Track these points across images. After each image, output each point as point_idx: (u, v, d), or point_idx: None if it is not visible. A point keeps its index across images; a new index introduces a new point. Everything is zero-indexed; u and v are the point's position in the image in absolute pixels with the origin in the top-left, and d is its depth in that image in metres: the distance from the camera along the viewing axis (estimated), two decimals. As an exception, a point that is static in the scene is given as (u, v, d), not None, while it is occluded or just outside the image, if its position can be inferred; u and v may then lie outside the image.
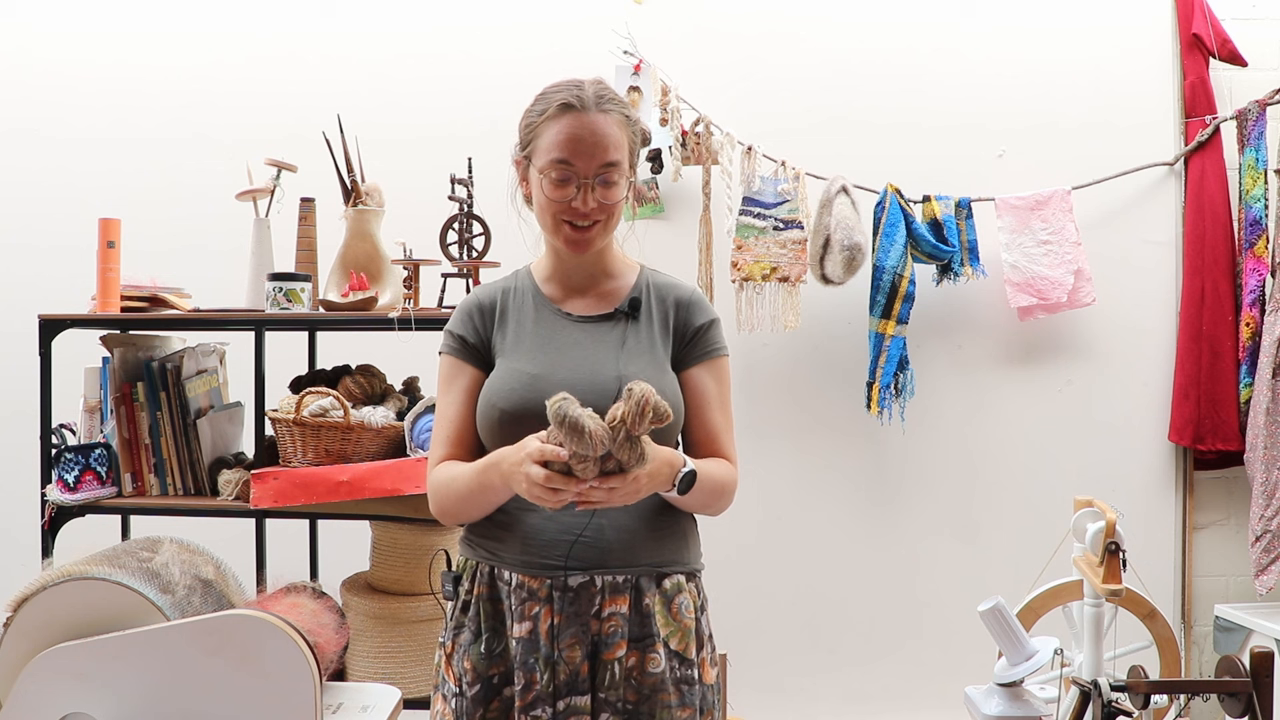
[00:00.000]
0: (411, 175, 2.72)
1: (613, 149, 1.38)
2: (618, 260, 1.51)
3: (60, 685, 1.48)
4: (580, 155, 1.36)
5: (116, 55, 3.16)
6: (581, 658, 1.34)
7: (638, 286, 1.48)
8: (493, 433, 1.39)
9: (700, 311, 1.48)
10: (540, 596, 1.35)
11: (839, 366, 3.10)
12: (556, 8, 3.12)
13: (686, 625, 1.40)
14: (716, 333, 1.49)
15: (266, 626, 1.54)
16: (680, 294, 1.49)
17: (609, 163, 1.38)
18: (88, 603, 1.55)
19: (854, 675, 3.11)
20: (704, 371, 1.46)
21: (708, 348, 1.47)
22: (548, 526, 1.36)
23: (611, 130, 1.38)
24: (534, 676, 1.34)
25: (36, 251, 3.07)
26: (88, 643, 1.50)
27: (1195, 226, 3.04)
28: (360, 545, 2.50)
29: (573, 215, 1.39)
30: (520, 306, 1.47)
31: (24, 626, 1.54)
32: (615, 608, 1.35)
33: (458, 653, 1.40)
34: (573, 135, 1.37)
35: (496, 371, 1.42)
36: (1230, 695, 2.07)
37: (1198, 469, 3.11)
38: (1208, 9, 3.05)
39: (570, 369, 1.39)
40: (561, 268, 1.48)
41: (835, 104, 3.11)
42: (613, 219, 1.43)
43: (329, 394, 2.24)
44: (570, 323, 1.45)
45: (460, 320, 1.47)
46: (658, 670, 1.36)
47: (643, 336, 1.44)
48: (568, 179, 1.37)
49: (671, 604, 1.40)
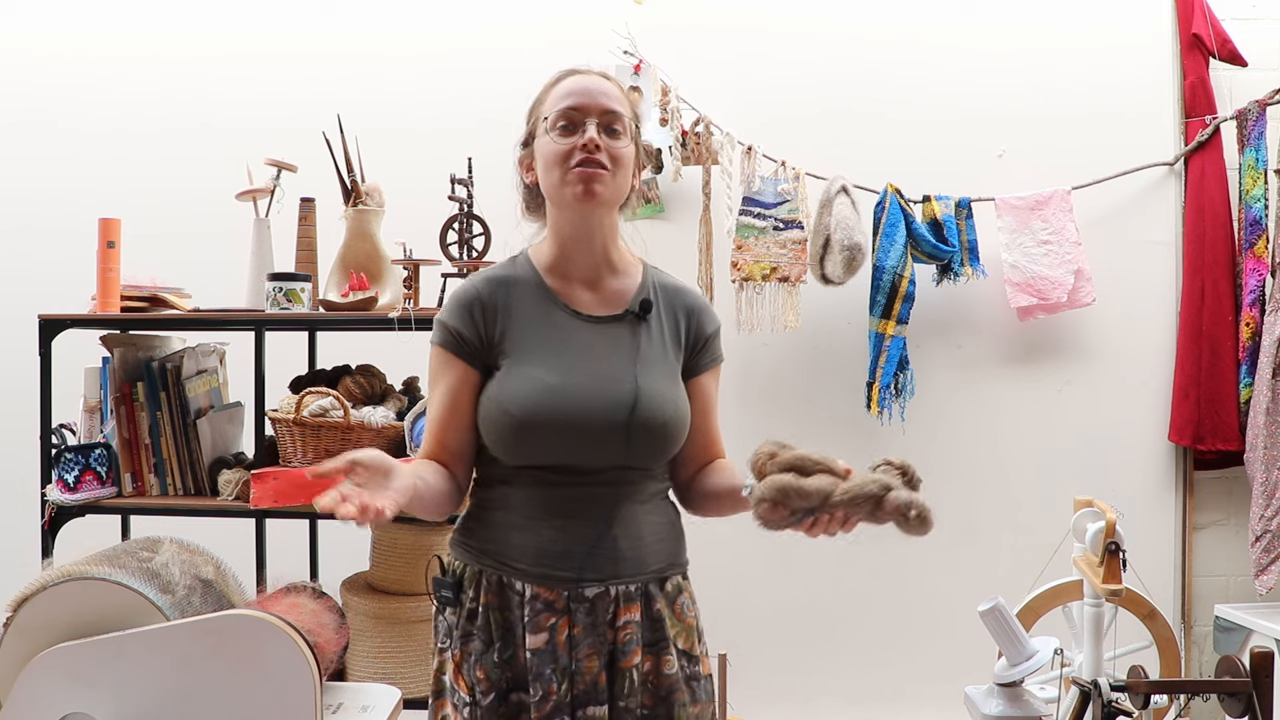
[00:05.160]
0: (411, 175, 2.72)
1: (616, 102, 1.40)
2: (622, 253, 1.48)
3: (60, 685, 1.48)
4: (585, 98, 1.38)
5: (116, 55, 3.16)
6: (599, 667, 1.34)
7: (645, 286, 1.46)
8: (503, 440, 1.36)
9: (709, 320, 1.50)
10: (557, 608, 1.34)
11: (839, 366, 3.10)
12: (556, 8, 3.12)
13: (689, 623, 1.42)
14: (719, 339, 1.52)
15: (266, 626, 1.54)
16: (690, 300, 1.49)
17: (613, 110, 1.39)
18: (88, 603, 1.55)
19: (854, 675, 3.11)
20: (710, 378, 1.49)
21: (714, 355, 1.50)
22: (561, 538, 1.35)
23: (614, 89, 1.41)
24: (551, 687, 1.33)
25: (37, 251, 3.08)
26: (88, 643, 1.50)
27: (1195, 226, 3.04)
28: (360, 545, 2.50)
29: (582, 156, 1.36)
30: (524, 300, 1.42)
31: (24, 626, 1.54)
32: (630, 616, 1.36)
33: (468, 661, 1.38)
34: (577, 85, 1.39)
35: (508, 375, 1.37)
36: (1230, 695, 2.07)
37: (1198, 469, 3.11)
38: (1208, 9, 3.05)
39: (587, 377, 1.36)
40: (566, 256, 1.44)
41: (835, 104, 3.11)
42: (620, 173, 1.39)
43: (329, 394, 2.24)
44: (581, 323, 1.41)
45: (459, 314, 1.41)
46: (672, 672, 1.37)
47: (655, 342, 1.42)
48: (574, 125, 1.38)
49: (675, 605, 1.41)
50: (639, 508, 1.39)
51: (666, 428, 1.37)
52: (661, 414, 1.36)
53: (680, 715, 1.37)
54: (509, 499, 1.39)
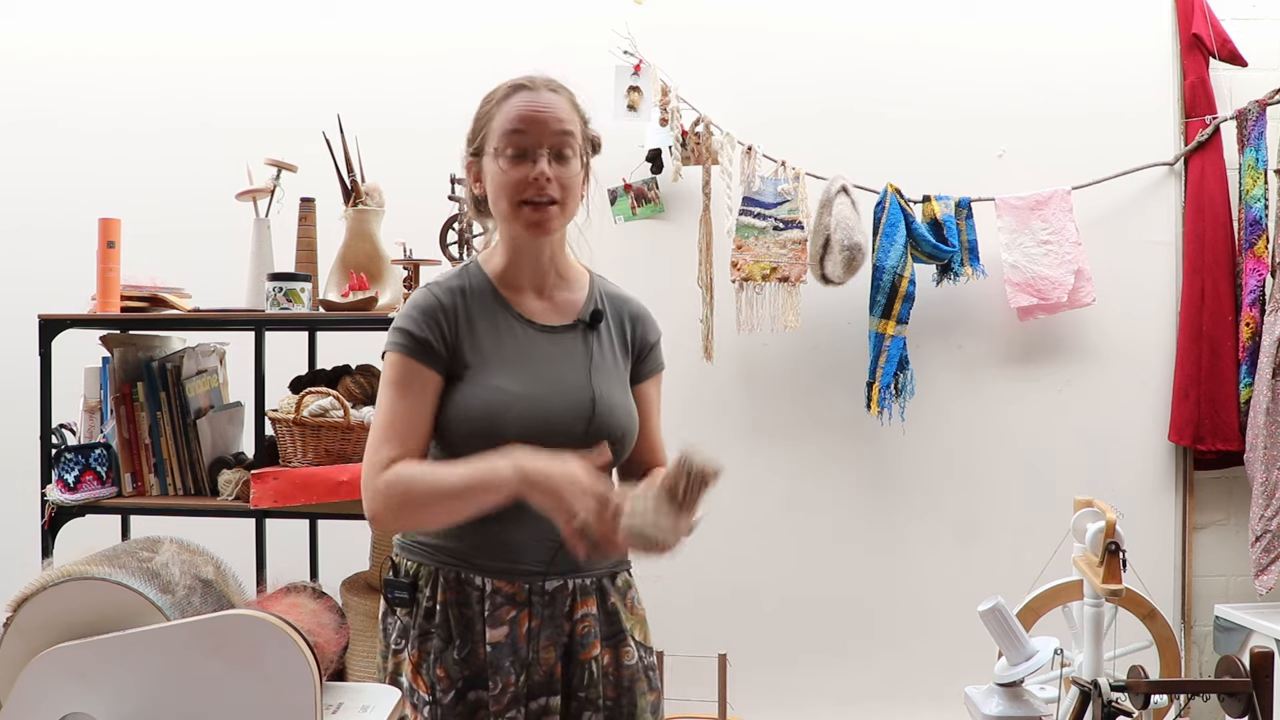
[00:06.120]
0: (411, 175, 2.72)
1: (566, 121, 1.39)
2: (570, 262, 1.51)
3: (60, 685, 1.48)
4: (533, 125, 1.37)
5: (116, 55, 3.16)
6: (555, 659, 1.38)
7: (593, 296, 1.49)
8: (465, 446, 1.35)
9: (652, 328, 1.54)
10: (518, 601, 1.38)
11: (839, 366, 3.10)
12: (556, 7, 3.12)
13: (642, 615, 1.49)
14: (660, 348, 1.56)
15: (266, 626, 1.54)
16: (633, 308, 1.53)
17: (563, 132, 1.38)
18: (88, 603, 1.54)
19: (853, 675, 3.11)
20: (652, 386, 1.53)
21: (656, 363, 1.54)
22: (519, 532, 1.37)
23: (563, 105, 1.41)
24: (509, 680, 1.36)
25: (37, 251, 3.07)
26: (88, 643, 1.50)
27: (1195, 226, 3.04)
28: (360, 545, 2.50)
29: (532, 191, 1.36)
30: (480, 309, 1.43)
31: (24, 626, 1.53)
32: (587, 609, 1.41)
33: (426, 660, 1.40)
34: (525, 108, 1.38)
35: (473, 384, 1.38)
36: (1230, 695, 2.07)
37: (1198, 469, 3.11)
38: (1208, 9, 3.05)
39: (547, 386, 1.39)
40: (517, 264, 1.45)
41: (835, 104, 3.11)
42: (570, 200, 1.40)
43: (329, 394, 2.24)
44: (536, 333, 1.43)
45: (421, 321, 1.39)
46: (632, 663, 1.44)
47: (605, 350, 1.46)
48: (523, 153, 1.37)
49: (626, 598, 1.47)
50: None
51: (623, 434, 1.42)
52: (617, 422, 1.41)
53: (641, 704, 1.43)
54: None
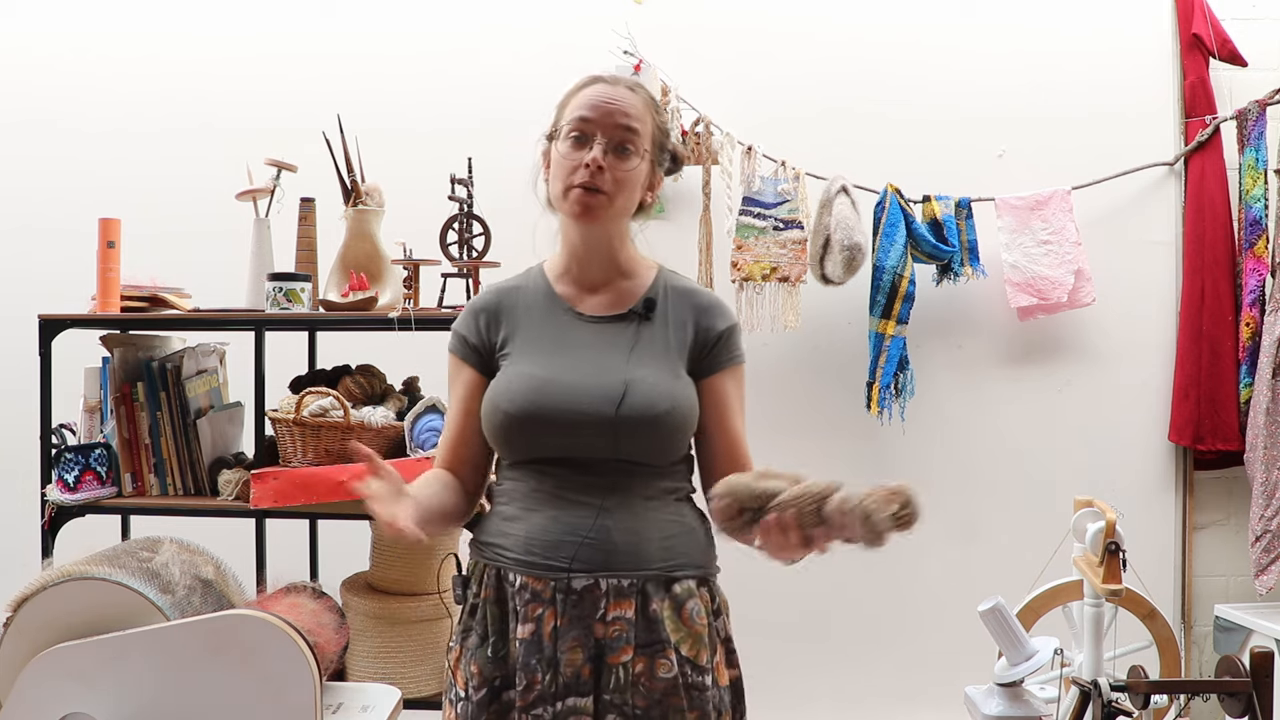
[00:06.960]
0: (411, 175, 2.72)
1: (634, 118, 1.38)
2: (634, 259, 1.47)
3: (60, 685, 1.48)
4: (599, 113, 1.37)
5: (116, 55, 3.16)
6: (583, 660, 1.32)
7: (654, 287, 1.45)
8: (497, 436, 1.39)
9: (721, 316, 1.45)
10: (544, 598, 1.33)
11: (839, 366, 3.10)
12: (556, 7, 3.12)
13: (698, 631, 1.35)
14: (737, 338, 1.46)
15: (266, 626, 1.54)
16: (701, 299, 1.46)
17: (628, 127, 1.37)
18: (88, 603, 1.55)
19: (853, 675, 3.11)
20: (727, 378, 1.43)
21: (730, 354, 1.44)
22: (552, 527, 1.35)
23: (635, 104, 1.40)
24: (535, 677, 1.32)
25: (37, 251, 3.07)
26: (88, 643, 1.50)
27: (1195, 226, 3.04)
28: (360, 545, 2.50)
29: (582, 175, 1.36)
30: (530, 306, 1.44)
31: (24, 626, 1.54)
32: (620, 612, 1.32)
33: (465, 657, 1.39)
34: (597, 97, 1.39)
35: (503, 374, 1.40)
36: (1230, 695, 2.07)
37: (1198, 469, 3.11)
38: (1208, 9, 3.05)
39: (576, 371, 1.36)
40: (575, 263, 1.45)
41: (835, 104, 3.11)
42: (621, 195, 1.39)
43: (329, 394, 2.24)
44: (581, 323, 1.42)
45: (465, 320, 1.47)
46: (669, 675, 1.32)
47: (656, 339, 1.41)
48: (585, 138, 1.37)
49: (682, 609, 1.35)
50: (641, 503, 1.37)
51: (657, 420, 1.34)
52: (652, 406, 1.33)
53: None
54: (510, 493, 1.41)
